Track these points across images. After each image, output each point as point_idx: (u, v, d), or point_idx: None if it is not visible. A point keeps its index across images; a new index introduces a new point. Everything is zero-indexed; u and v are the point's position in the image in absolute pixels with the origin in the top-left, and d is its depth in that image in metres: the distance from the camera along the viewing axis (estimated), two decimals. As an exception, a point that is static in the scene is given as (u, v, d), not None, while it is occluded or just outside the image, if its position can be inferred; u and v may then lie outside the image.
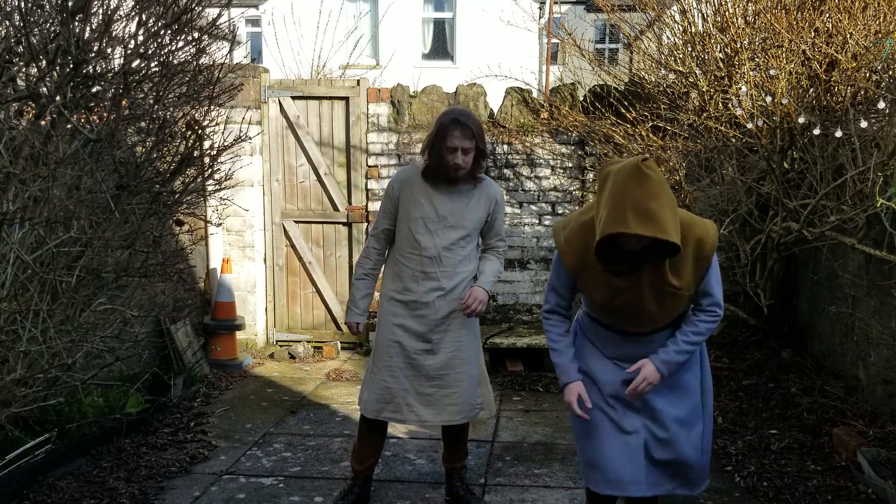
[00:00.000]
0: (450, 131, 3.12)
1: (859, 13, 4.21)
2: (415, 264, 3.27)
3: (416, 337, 3.30)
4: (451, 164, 3.16)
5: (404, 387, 3.30)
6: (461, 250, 3.29)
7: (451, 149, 3.13)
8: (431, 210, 3.24)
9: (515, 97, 6.35)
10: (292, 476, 3.91)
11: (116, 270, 3.24)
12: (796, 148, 4.64)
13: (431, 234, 3.24)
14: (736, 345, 5.58)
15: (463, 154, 3.15)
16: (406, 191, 3.28)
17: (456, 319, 3.30)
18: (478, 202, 3.29)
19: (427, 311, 3.28)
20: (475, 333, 3.43)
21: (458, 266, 3.29)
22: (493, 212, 3.34)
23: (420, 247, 3.25)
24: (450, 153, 3.14)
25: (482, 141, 3.20)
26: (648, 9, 5.80)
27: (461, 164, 3.16)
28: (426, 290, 3.27)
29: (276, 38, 9.50)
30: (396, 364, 3.32)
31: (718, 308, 2.58)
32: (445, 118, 3.18)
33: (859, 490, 3.52)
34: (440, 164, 3.18)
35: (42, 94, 2.69)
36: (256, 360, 6.24)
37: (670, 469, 2.72)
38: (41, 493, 3.48)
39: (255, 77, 6.25)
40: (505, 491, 3.71)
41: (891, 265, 3.88)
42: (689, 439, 2.70)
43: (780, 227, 4.81)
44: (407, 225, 3.27)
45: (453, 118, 3.16)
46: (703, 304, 2.59)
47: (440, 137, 3.15)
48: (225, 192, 4.38)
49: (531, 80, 9.27)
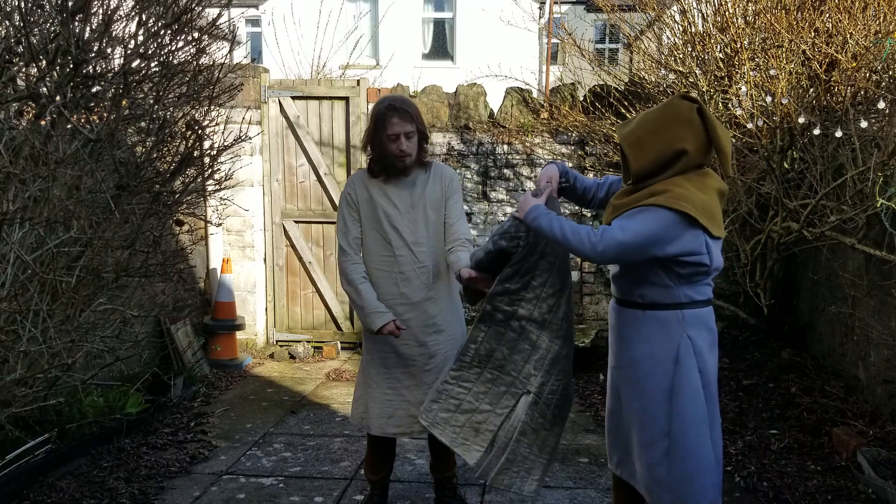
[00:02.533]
0: (387, 119, 3.00)
1: (859, 13, 4.21)
2: (390, 266, 3.13)
3: (410, 341, 3.14)
4: (395, 153, 3.03)
5: (406, 398, 3.16)
6: (433, 241, 3.14)
7: (393, 136, 3.01)
8: (392, 208, 3.11)
9: (515, 97, 6.34)
10: (292, 476, 3.91)
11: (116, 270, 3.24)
12: (796, 148, 4.64)
13: (399, 232, 3.11)
14: (736, 345, 5.58)
15: (406, 139, 3.02)
16: (362, 193, 3.16)
17: (447, 314, 3.19)
18: (433, 186, 3.15)
19: (415, 311, 3.14)
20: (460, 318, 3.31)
21: (434, 258, 3.15)
22: (447, 194, 3.17)
23: (392, 247, 3.11)
24: (392, 141, 3.02)
25: (422, 124, 3.09)
26: (648, 9, 5.80)
27: (406, 149, 3.03)
28: (409, 290, 3.13)
29: (276, 38, 9.50)
30: (395, 376, 3.18)
31: (603, 232, 2.39)
32: (380, 106, 3.06)
33: (859, 490, 3.52)
34: (385, 156, 3.06)
35: (42, 94, 2.69)
36: (256, 360, 6.24)
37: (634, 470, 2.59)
38: (41, 493, 3.48)
39: (255, 77, 6.25)
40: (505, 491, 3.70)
41: (891, 265, 3.88)
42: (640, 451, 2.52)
43: (780, 227, 4.80)
44: (373, 230, 3.15)
45: (388, 105, 3.03)
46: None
47: (379, 127, 3.03)
48: (225, 192, 4.37)
49: (531, 80, 9.28)
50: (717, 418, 2.50)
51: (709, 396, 2.47)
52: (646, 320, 2.49)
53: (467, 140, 6.36)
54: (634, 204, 2.40)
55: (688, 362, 2.43)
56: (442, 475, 3.40)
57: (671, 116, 2.39)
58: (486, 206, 6.39)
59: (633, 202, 2.42)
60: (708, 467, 2.44)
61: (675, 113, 2.39)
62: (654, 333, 2.47)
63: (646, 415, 2.49)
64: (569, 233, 2.40)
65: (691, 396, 2.43)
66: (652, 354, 2.47)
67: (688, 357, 2.43)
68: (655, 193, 2.37)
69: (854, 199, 3.99)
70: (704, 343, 2.47)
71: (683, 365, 2.43)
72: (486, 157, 6.36)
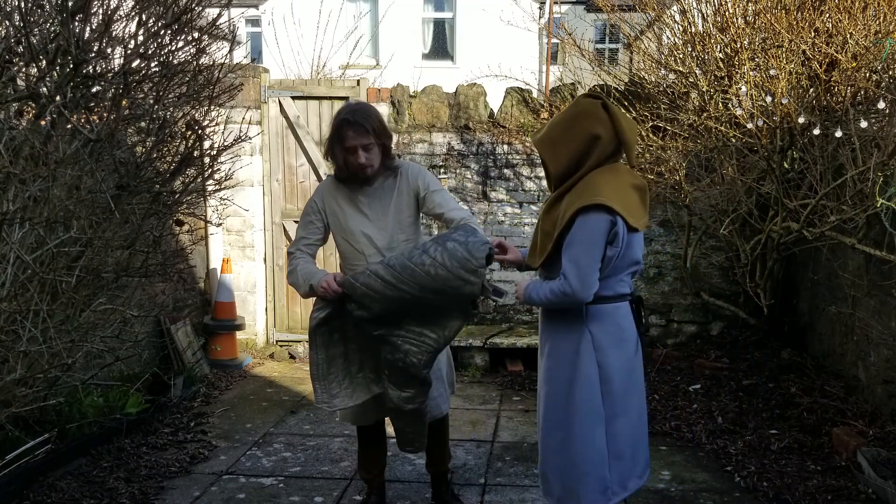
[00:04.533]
0: (343, 132, 2.94)
1: (859, 13, 4.21)
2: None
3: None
4: (355, 165, 2.98)
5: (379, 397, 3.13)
6: (411, 243, 3.09)
7: (351, 149, 2.96)
8: (360, 215, 3.08)
9: (515, 97, 6.34)
10: (292, 476, 3.91)
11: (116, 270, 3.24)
12: (796, 148, 4.64)
13: (370, 238, 3.07)
14: (736, 345, 5.59)
15: (364, 151, 2.96)
16: (330, 202, 3.12)
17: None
18: (402, 188, 3.11)
19: None
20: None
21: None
22: (421, 192, 3.10)
23: (364, 255, 3.07)
24: (350, 154, 2.97)
25: (383, 135, 3.01)
26: (648, 9, 5.80)
27: (364, 162, 2.97)
28: None
29: (276, 38, 9.50)
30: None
31: (563, 277, 2.47)
32: (337, 118, 2.99)
33: (859, 490, 3.52)
34: (345, 167, 3.02)
35: (42, 94, 2.69)
36: (256, 360, 6.24)
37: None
38: (41, 493, 3.48)
39: (255, 77, 6.25)
40: (505, 491, 3.71)
41: (891, 265, 3.88)
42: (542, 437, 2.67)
43: (780, 227, 4.80)
44: (343, 238, 3.12)
45: (344, 118, 2.96)
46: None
47: (337, 140, 2.98)
48: (225, 192, 4.38)
49: (531, 80, 9.27)
50: (623, 413, 2.57)
51: (611, 391, 2.54)
52: (554, 314, 2.62)
53: (467, 140, 6.36)
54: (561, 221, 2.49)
55: (586, 356, 2.53)
56: (436, 470, 3.46)
57: (578, 113, 2.51)
58: (486, 206, 6.39)
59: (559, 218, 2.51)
60: (595, 461, 2.53)
61: (582, 110, 2.51)
62: (560, 326, 2.60)
63: (549, 403, 2.62)
64: (554, 297, 2.51)
65: (588, 390, 2.53)
66: (558, 346, 2.60)
67: (587, 351, 2.53)
68: (573, 202, 2.46)
69: (854, 199, 3.99)
70: (607, 338, 2.54)
71: (582, 358, 2.53)
72: (486, 157, 6.36)
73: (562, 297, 2.48)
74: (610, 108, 2.51)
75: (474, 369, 5.84)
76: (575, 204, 2.44)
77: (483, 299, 3.00)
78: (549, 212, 2.58)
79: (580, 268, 2.43)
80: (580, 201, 2.44)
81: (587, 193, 2.45)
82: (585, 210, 2.42)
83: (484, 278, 2.78)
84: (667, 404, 4.78)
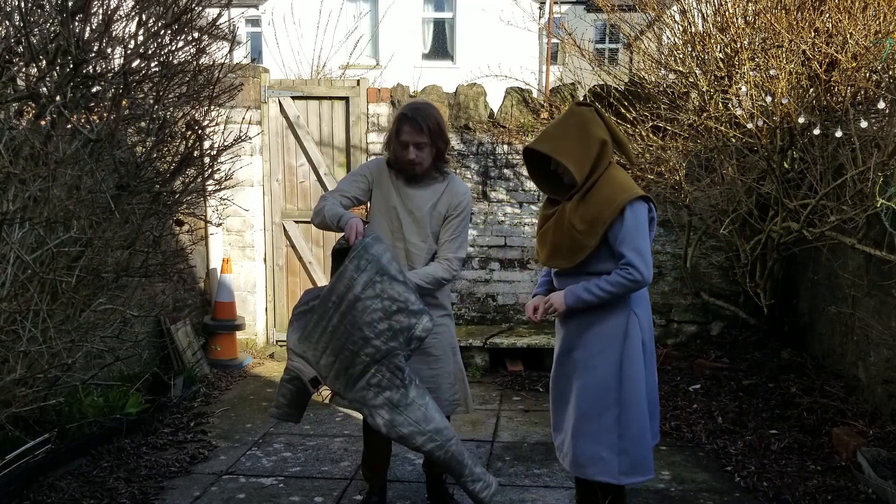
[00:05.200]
0: (400, 125, 3.06)
1: (859, 13, 4.21)
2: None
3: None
4: (405, 160, 3.07)
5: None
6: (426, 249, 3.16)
7: (403, 144, 3.06)
8: (400, 202, 3.15)
9: (515, 97, 6.35)
10: (292, 476, 3.91)
11: (116, 270, 3.24)
12: (796, 148, 4.64)
13: (402, 226, 3.14)
14: (736, 345, 5.59)
15: (416, 149, 3.05)
16: (378, 177, 3.20)
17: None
18: (443, 200, 3.16)
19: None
20: (451, 331, 3.30)
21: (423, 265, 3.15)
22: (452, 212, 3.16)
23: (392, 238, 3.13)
24: (403, 148, 3.07)
25: (439, 138, 3.09)
26: (648, 9, 5.80)
27: (415, 159, 3.06)
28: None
29: (276, 38, 9.50)
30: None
31: (631, 268, 2.69)
32: (398, 111, 3.14)
33: (859, 490, 3.52)
34: (397, 160, 3.12)
35: (42, 94, 2.69)
36: (256, 360, 6.24)
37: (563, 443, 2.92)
38: (41, 493, 3.48)
39: (255, 77, 6.25)
40: (505, 491, 3.71)
41: (891, 265, 3.89)
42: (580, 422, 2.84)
43: (780, 227, 4.81)
44: (381, 215, 3.17)
45: (403, 113, 3.08)
46: (620, 262, 2.74)
47: (394, 132, 3.09)
48: (225, 192, 4.37)
49: (531, 80, 9.27)
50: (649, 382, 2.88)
51: (648, 365, 2.86)
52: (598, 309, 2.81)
53: (467, 140, 6.36)
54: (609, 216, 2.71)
55: (634, 335, 2.80)
56: (431, 470, 3.47)
57: (584, 121, 2.78)
58: (486, 206, 6.39)
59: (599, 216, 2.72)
60: (647, 429, 2.84)
61: (585, 118, 2.79)
62: (603, 314, 2.80)
63: (597, 387, 2.80)
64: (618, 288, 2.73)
65: (636, 367, 2.79)
66: (601, 332, 2.81)
67: (634, 330, 2.80)
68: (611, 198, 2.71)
69: (854, 199, 3.99)
70: (647, 319, 2.86)
71: (631, 338, 2.79)
72: (486, 157, 6.37)
73: (630, 285, 2.71)
74: (603, 114, 2.82)
75: (474, 369, 5.84)
76: (617, 199, 2.69)
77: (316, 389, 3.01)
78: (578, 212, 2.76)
79: (643, 254, 2.70)
80: (624, 195, 2.70)
81: (620, 187, 2.73)
82: (632, 202, 2.70)
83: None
84: (667, 404, 4.78)
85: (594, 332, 2.81)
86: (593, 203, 2.73)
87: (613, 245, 2.73)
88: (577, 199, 2.77)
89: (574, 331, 2.88)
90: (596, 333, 2.81)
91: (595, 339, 2.81)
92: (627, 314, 2.80)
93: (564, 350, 2.92)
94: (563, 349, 2.93)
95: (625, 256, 2.70)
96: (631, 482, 2.84)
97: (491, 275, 6.41)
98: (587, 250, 2.74)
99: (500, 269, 6.42)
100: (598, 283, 2.74)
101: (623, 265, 2.70)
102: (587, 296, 2.75)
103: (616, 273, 2.71)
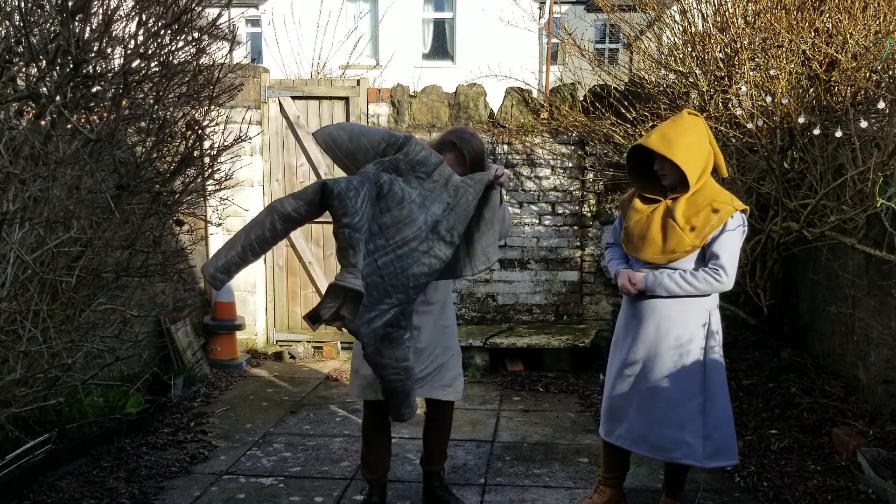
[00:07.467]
0: (445, 152, 3.11)
1: (859, 13, 4.21)
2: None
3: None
4: None
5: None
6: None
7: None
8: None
9: (515, 97, 6.35)
10: (292, 476, 3.91)
11: (116, 270, 3.25)
12: (796, 148, 4.64)
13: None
14: (736, 345, 5.58)
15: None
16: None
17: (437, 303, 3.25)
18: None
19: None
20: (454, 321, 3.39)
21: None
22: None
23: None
24: None
25: (477, 167, 3.15)
26: (648, 9, 5.80)
27: None
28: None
29: (276, 38, 9.49)
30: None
31: (722, 270, 2.92)
32: (446, 137, 3.18)
33: (859, 490, 3.52)
34: None
35: (42, 94, 2.69)
36: (256, 360, 6.24)
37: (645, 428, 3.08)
38: (41, 493, 3.48)
39: (255, 77, 6.25)
40: (505, 491, 3.71)
41: (891, 265, 3.88)
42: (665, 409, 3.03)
43: (780, 227, 4.81)
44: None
45: (452, 141, 3.14)
46: (710, 263, 2.97)
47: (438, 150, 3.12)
48: (225, 192, 4.38)
49: (531, 80, 9.27)
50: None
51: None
52: (684, 303, 3.03)
53: (467, 140, 6.36)
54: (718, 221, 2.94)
55: (715, 329, 3.07)
56: (429, 467, 3.49)
57: (700, 131, 3.00)
58: (486, 206, 6.38)
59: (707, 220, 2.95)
60: (730, 416, 3.11)
61: (700, 128, 3.00)
62: (690, 312, 3.03)
63: (682, 377, 3.01)
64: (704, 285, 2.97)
65: (719, 358, 3.06)
66: (688, 323, 3.03)
67: (715, 326, 3.07)
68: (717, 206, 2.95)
69: (854, 199, 3.99)
70: (718, 317, 3.11)
71: (712, 331, 3.05)
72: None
73: (716, 286, 2.95)
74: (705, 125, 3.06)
75: (474, 369, 5.84)
76: (725, 207, 2.94)
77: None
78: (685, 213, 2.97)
79: (734, 263, 2.95)
80: (730, 205, 2.94)
81: (727, 196, 2.99)
82: (737, 212, 2.95)
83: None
84: (667, 404, 4.77)
85: (678, 323, 3.02)
86: (702, 207, 2.95)
87: (709, 248, 2.95)
88: (684, 201, 2.98)
89: (654, 322, 3.07)
90: (680, 325, 3.02)
91: (680, 330, 3.02)
92: (709, 309, 3.05)
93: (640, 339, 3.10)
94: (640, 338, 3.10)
95: (719, 259, 2.92)
96: (715, 465, 3.09)
97: (491, 275, 6.41)
98: (690, 250, 2.95)
99: (500, 269, 6.42)
100: (685, 276, 2.96)
101: (715, 266, 2.93)
102: (672, 285, 2.97)
103: (705, 271, 2.94)
